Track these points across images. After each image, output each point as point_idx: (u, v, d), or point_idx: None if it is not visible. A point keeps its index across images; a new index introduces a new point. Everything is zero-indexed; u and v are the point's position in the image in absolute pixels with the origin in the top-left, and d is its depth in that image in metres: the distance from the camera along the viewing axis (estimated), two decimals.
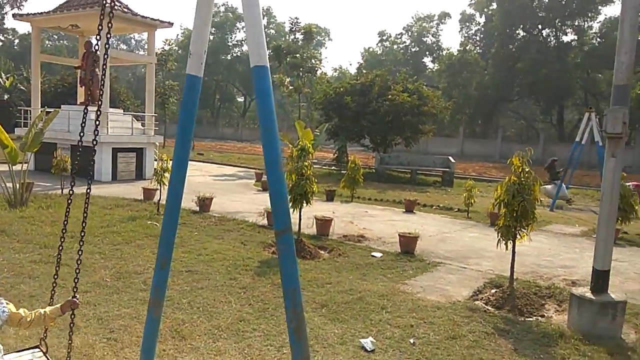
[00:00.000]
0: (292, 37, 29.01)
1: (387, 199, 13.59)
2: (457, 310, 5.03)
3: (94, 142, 2.67)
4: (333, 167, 22.71)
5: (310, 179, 7.22)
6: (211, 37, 56.35)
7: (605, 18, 38.94)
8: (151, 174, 13.33)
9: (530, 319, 4.92)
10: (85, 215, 2.72)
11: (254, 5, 2.27)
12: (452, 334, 4.41)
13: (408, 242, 7.48)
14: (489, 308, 5.17)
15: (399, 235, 7.64)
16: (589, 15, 39.56)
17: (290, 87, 27.21)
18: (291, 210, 7.26)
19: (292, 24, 28.20)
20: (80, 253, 2.76)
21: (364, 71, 27.79)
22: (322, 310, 4.87)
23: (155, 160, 14.45)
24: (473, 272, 6.61)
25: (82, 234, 2.70)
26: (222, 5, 57.76)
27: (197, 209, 9.85)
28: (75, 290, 2.70)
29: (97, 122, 2.83)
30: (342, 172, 17.80)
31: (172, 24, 16.24)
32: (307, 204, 7.31)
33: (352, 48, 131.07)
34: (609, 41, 36.76)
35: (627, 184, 10.46)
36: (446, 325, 4.61)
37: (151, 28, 16.20)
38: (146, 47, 18.91)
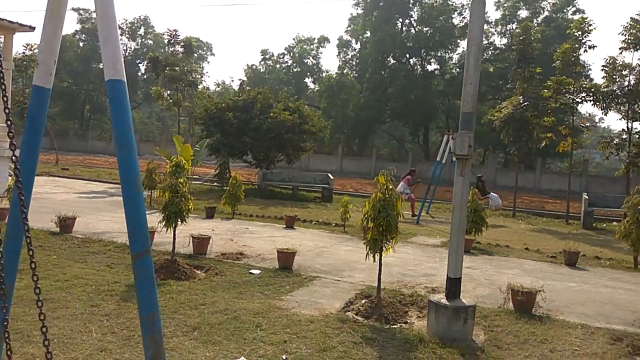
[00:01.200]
0: (171, 49, 28.04)
1: (269, 215, 13.65)
2: (329, 323, 5.20)
3: None
4: (215, 184, 22.22)
5: (186, 196, 6.98)
6: (81, 44, 52.66)
7: (463, 50, 43.80)
8: (2, 191, 11.82)
9: (395, 326, 5.26)
10: None
11: (109, 18, 2.18)
12: (324, 347, 4.54)
13: (286, 258, 7.58)
14: (359, 318, 5.43)
15: (277, 251, 7.71)
16: (449, 47, 44.32)
17: (170, 101, 26.24)
18: (164, 229, 6.95)
19: (170, 36, 27.28)
20: None
21: (247, 88, 27.86)
22: (193, 333, 4.71)
23: (10, 175, 12.85)
24: (346, 284, 6.90)
25: None
26: (94, 12, 53.88)
27: (58, 229, 8.94)
28: None
29: None
30: (224, 188, 17.50)
31: (33, 28, 14.75)
32: (182, 222, 7.05)
33: (235, 64, 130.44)
34: None
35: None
36: (318, 338, 4.74)
37: (8, 31, 14.54)
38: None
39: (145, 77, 54.26)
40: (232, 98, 23.65)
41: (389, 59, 44.69)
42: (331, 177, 20.79)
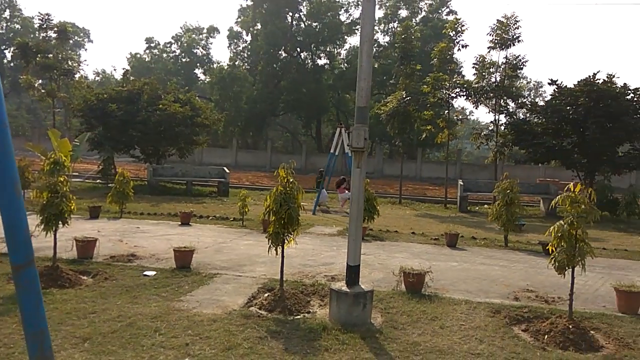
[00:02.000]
0: (43, 34, 25.30)
1: (162, 213, 13.01)
2: (233, 320, 5.12)
3: None
4: (98, 181, 20.61)
5: (67, 196, 6.37)
6: None
7: (350, 46, 45.46)
8: None
9: (299, 317, 5.34)
10: None
11: None
12: (228, 345, 4.46)
13: (183, 257, 7.28)
14: (263, 312, 5.42)
15: (173, 250, 7.38)
16: (337, 43, 45.69)
17: (42, 91, 23.76)
18: (44, 233, 6.32)
19: (42, 20, 24.60)
20: None
21: (131, 78, 26.08)
22: (84, 344, 4.33)
23: None
24: (248, 279, 6.84)
25: None
26: None
27: None
28: None
29: None
30: (109, 185, 16.30)
31: None
32: (64, 224, 6.44)
33: (116, 52, 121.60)
34: (354, 67, 43.03)
35: None
36: (222, 337, 4.64)
37: None
38: None
39: (12, 64, 48.54)
40: (115, 88, 22.04)
41: (280, 52, 44.84)
42: (227, 170, 20.39)
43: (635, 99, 18.86)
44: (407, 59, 20.94)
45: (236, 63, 45.96)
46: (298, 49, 45.57)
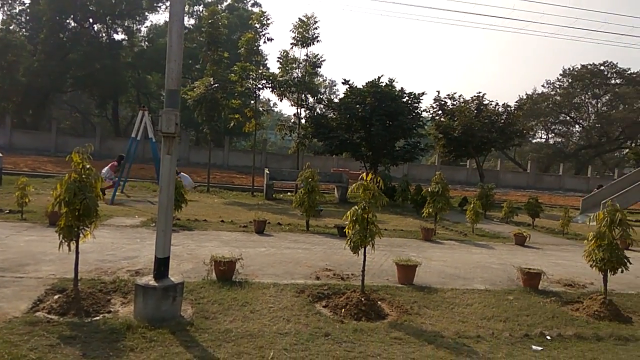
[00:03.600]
0: None
1: None
2: (15, 329, 4.37)
3: None
4: None
5: None
6: None
7: (152, 24, 42.66)
8: None
9: (98, 318, 4.85)
10: None
11: None
12: (10, 358, 3.79)
13: None
14: (53, 317, 4.76)
15: None
16: (137, 18, 42.38)
17: None
18: None
19: None
20: None
21: None
22: None
23: None
24: (32, 280, 5.90)
25: None
26: None
27: None
28: None
29: None
30: None
31: None
32: None
33: None
34: (157, 46, 40.62)
35: None
36: (1, 349, 3.92)
37: None
38: None
39: None
40: None
41: (69, 21, 39.46)
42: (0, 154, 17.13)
43: (409, 101, 22.22)
44: (214, 45, 20.61)
45: (11, 27, 38.74)
46: (90, 20, 40.75)
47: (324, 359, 4.35)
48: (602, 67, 53.38)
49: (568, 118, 57.59)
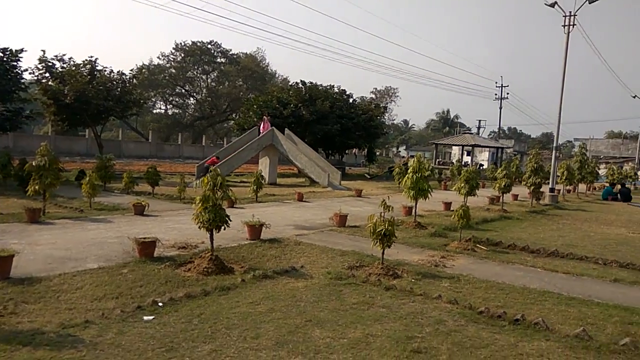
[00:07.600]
0: None
1: None
2: None
3: None
4: None
5: None
6: None
7: None
8: None
9: None
10: None
11: None
12: None
13: None
14: None
15: None
16: None
17: None
18: None
19: None
20: None
21: None
22: None
23: None
24: None
25: None
26: None
27: None
28: None
29: None
30: None
31: None
32: None
33: None
34: None
35: None
36: None
37: None
38: None
39: None
40: None
41: None
42: None
43: (3, 57, 18.46)
44: None
45: None
46: None
47: None
48: (209, 46, 59.35)
49: (184, 91, 61.75)
